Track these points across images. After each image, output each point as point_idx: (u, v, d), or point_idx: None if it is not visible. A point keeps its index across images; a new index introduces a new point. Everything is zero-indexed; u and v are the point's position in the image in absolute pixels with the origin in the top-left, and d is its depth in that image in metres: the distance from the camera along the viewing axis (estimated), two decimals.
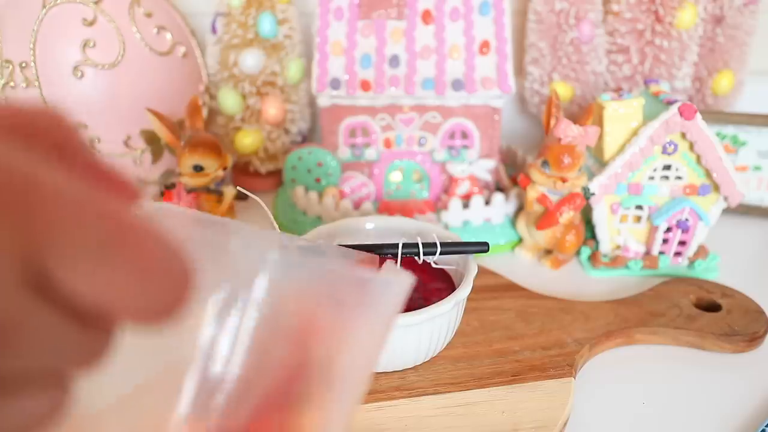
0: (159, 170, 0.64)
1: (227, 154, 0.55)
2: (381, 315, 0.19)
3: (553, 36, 0.69)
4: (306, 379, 0.19)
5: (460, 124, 0.61)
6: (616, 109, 0.53)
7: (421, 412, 0.37)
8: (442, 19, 0.59)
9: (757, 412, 0.40)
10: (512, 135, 0.78)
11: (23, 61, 0.56)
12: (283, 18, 0.65)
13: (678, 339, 0.46)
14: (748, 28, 0.69)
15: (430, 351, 0.40)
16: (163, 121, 0.52)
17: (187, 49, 0.65)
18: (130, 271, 0.14)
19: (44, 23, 0.56)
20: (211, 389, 0.19)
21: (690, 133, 0.50)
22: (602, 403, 0.41)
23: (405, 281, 0.19)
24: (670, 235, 0.54)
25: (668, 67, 0.69)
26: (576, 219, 0.55)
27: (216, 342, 0.19)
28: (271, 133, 0.69)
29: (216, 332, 0.19)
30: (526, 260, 0.58)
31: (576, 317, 0.46)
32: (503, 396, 0.39)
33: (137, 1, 0.60)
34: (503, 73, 0.58)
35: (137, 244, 0.14)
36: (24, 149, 0.14)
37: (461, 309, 0.42)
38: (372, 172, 0.63)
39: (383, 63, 0.59)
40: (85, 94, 0.58)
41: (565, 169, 0.52)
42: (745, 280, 0.53)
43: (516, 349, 0.43)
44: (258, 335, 0.19)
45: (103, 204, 0.14)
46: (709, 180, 0.52)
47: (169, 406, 0.19)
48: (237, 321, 0.19)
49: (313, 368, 0.19)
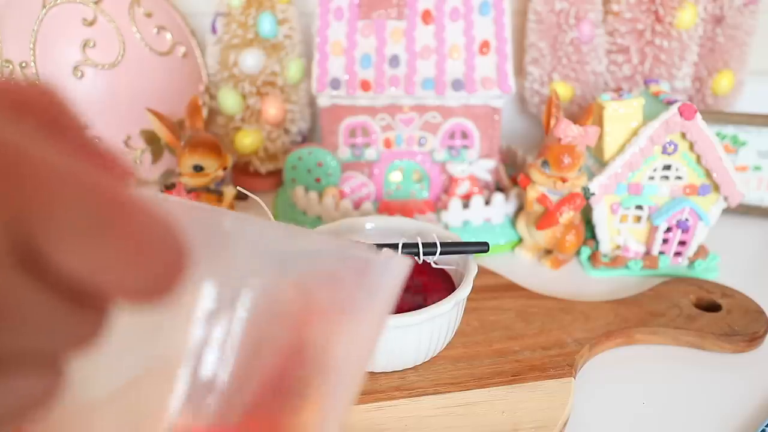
0: (159, 170, 0.64)
1: (227, 154, 0.55)
2: (380, 297, 0.19)
3: (553, 36, 0.69)
4: (302, 367, 0.19)
5: (460, 124, 0.61)
6: (616, 109, 0.53)
7: (421, 412, 0.37)
8: (442, 19, 0.59)
9: (757, 412, 0.40)
10: (512, 135, 0.78)
11: (23, 61, 0.56)
12: (283, 18, 0.65)
13: (678, 339, 0.46)
14: (748, 28, 0.69)
15: (430, 351, 0.40)
16: (163, 121, 0.52)
17: (187, 49, 0.65)
18: (122, 248, 0.13)
19: (44, 23, 0.56)
20: (203, 385, 0.19)
21: (690, 133, 0.50)
22: (602, 403, 0.41)
23: (403, 263, 0.19)
24: (670, 235, 0.54)
25: (668, 67, 0.69)
26: (576, 219, 0.55)
27: (209, 334, 0.19)
28: (271, 133, 0.69)
29: (208, 324, 0.19)
30: (526, 260, 0.58)
31: (576, 317, 0.46)
32: (503, 396, 0.39)
33: (137, 1, 0.60)
34: (503, 73, 0.58)
35: (130, 220, 0.14)
36: (13, 123, 0.14)
37: (461, 309, 0.42)
38: (372, 172, 0.63)
39: (383, 63, 0.59)
40: (85, 94, 0.58)
41: (565, 169, 0.52)
42: (745, 280, 0.53)
43: (516, 349, 0.43)
44: (252, 324, 0.19)
45: (94, 179, 0.13)
46: (709, 180, 0.52)
47: (162, 402, 0.19)
48: (231, 311, 0.19)
49: (309, 355, 0.19)
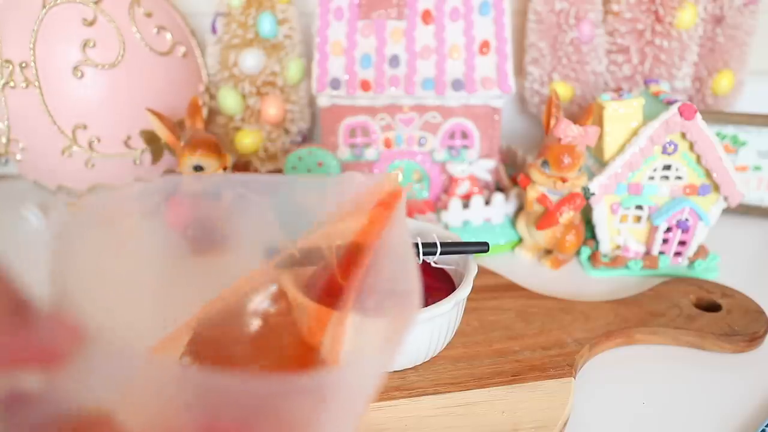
0: (159, 170, 0.64)
1: (227, 154, 0.55)
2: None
3: (553, 36, 0.69)
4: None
5: (460, 124, 0.61)
6: (616, 109, 0.53)
7: (421, 412, 0.37)
8: (442, 19, 0.59)
9: (757, 412, 0.40)
10: (512, 135, 0.78)
11: (23, 61, 0.56)
12: (283, 18, 0.65)
13: (678, 339, 0.46)
14: (748, 28, 0.69)
15: (430, 351, 0.40)
16: (163, 121, 0.52)
17: (187, 49, 0.65)
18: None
19: (44, 23, 0.56)
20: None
21: (690, 133, 0.50)
22: (602, 403, 0.41)
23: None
24: (670, 235, 0.54)
25: (668, 67, 0.69)
26: (576, 219, 0.55)
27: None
28: (271, 133, 0.69)
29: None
30: (526, 260, 0.58)
31: (576, 317, 0.46)
32: (503, 396, 0.39)
33: (137, 1, 0.60)
34: (503, 73, 0.58)
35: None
36: None
37: (461, 309, 0.42)
38: (372, 172, 0.63)
39: (383, 63, 0.59)
40: (85, 94, 0.58)
41: (565, 169, 0.52)
42: (745, 280, 0.53)
43: (516, 349, 0.43)
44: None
45: None
46: (709, 180, 0.52)
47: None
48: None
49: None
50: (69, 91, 0.57)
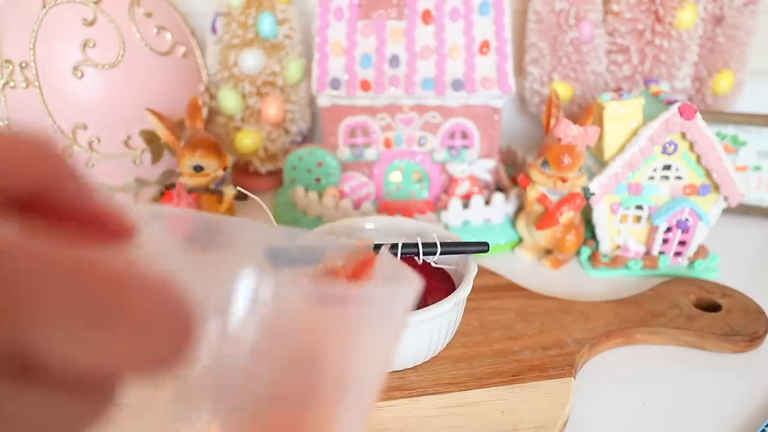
0: (159, 170, 0.64)
1: (227, 154, 0.55)
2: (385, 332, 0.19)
3: (553, 36, 0.69)
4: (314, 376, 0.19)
5: (460, 124, 0.61)
6: (616, 109, 0.53)
7: (421, 412, 0.37)
8: (442, 19, 0.59)
9: (757, 412, 0.40)
10: (512, 135, 0.78)
11: (23, 61, 0.56)
12: (283, 18, 0.65)
13: (678, 339, 0.46)
14: (748, 28, 0.69)
15: (430, 351, 0.40)
16: (163, 121, 0.52)
17: (187, 49, 0.65)
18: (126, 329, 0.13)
19: (44, 23, 0.56)
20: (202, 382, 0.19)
21: (690, 133, 0.50)
22: (602, 403, 0.41)
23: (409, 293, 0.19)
24: (670, 235, 0.54)
25: (668, 67, 0.69)
26: (576, 219, 0.55)
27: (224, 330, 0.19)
28: (271, 133, 0.69)
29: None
30: (526, 260, 0.58)
31: (576, 317, 0.46)
32: (503, 396, 0.39)
33: (137, 1, 0.60)
34: (503, 73, 0.58)
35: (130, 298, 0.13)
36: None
37: (461, 309, 0.42)
38: (372, 172, 0.63)
39: (383, 63, 0.59)
40: (85, 94, 0.58)
41: (565, 169, 0.52)
42: (745, 280, 0.53)
43: (516, 349, 0.43)
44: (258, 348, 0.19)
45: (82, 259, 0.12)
46: (709, 180, 0.52)
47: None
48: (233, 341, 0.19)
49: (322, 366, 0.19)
50: (69, 91, 0.57)
